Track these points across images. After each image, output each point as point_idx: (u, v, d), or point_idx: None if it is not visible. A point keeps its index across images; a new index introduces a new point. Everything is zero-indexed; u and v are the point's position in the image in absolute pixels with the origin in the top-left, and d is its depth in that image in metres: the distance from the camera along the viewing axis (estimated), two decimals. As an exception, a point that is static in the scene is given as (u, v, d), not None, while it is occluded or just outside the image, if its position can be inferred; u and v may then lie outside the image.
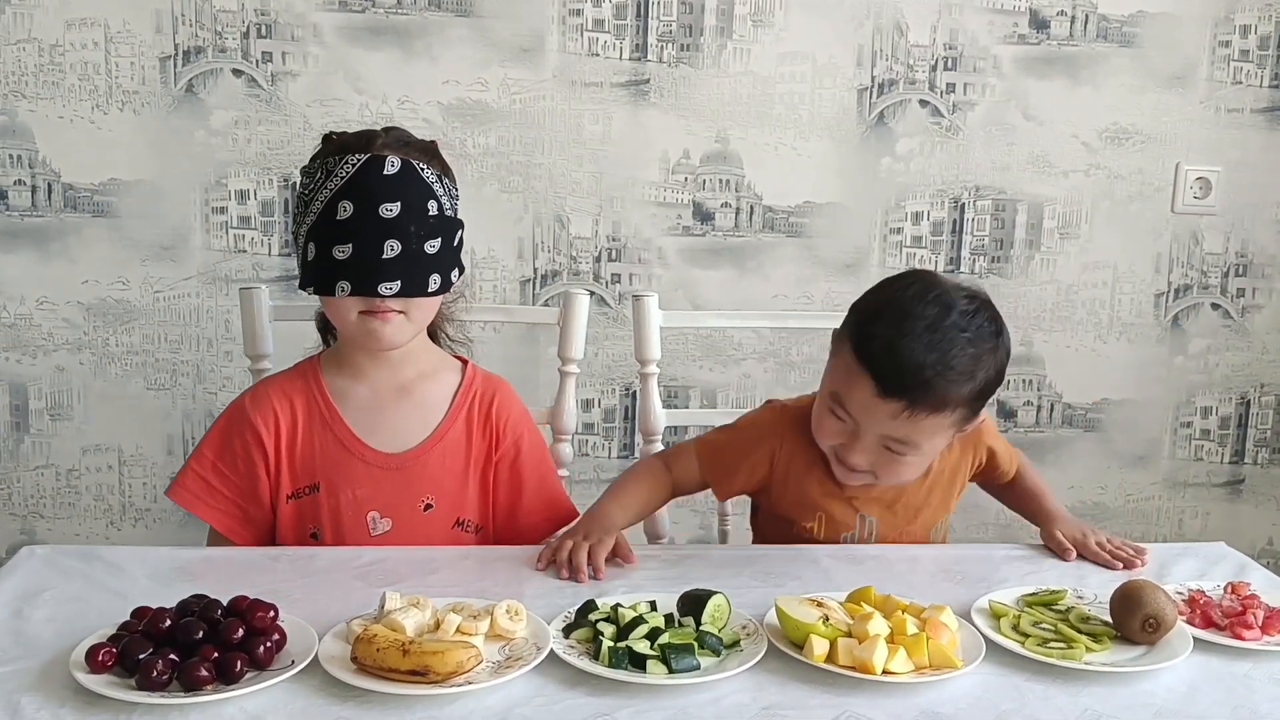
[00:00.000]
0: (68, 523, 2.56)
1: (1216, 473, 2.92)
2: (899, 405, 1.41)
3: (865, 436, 1.46)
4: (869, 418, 1.44)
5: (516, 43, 2.49)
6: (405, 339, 1.54)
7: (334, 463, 1.57)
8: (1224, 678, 1.18)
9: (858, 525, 1.61)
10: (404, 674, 1.08)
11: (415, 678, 1.08)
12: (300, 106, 2.45)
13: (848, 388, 1.45)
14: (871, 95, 2.63)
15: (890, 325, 1.43)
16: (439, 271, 1.51)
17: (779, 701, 1.09)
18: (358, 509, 1.56)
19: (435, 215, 1.50)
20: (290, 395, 1.59)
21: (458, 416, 1.62)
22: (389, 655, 1.09)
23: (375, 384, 1.60)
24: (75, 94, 2.40)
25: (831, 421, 1.48)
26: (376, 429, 1.58)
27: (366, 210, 1.46)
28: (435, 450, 1.59)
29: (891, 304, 1.47)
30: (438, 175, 1.53)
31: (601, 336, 2.62)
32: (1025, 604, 1.32)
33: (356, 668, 1.10)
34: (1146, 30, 2.67)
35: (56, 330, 2.48)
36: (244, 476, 1.57)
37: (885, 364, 1.41)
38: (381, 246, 1.45)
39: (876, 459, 1.47)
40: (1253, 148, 2.75)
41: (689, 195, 2.60)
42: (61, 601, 1.27)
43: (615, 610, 1.21)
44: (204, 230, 2.48)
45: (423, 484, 1.58)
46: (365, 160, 1.46)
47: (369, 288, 1.46)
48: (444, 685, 1.08)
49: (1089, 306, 2.79)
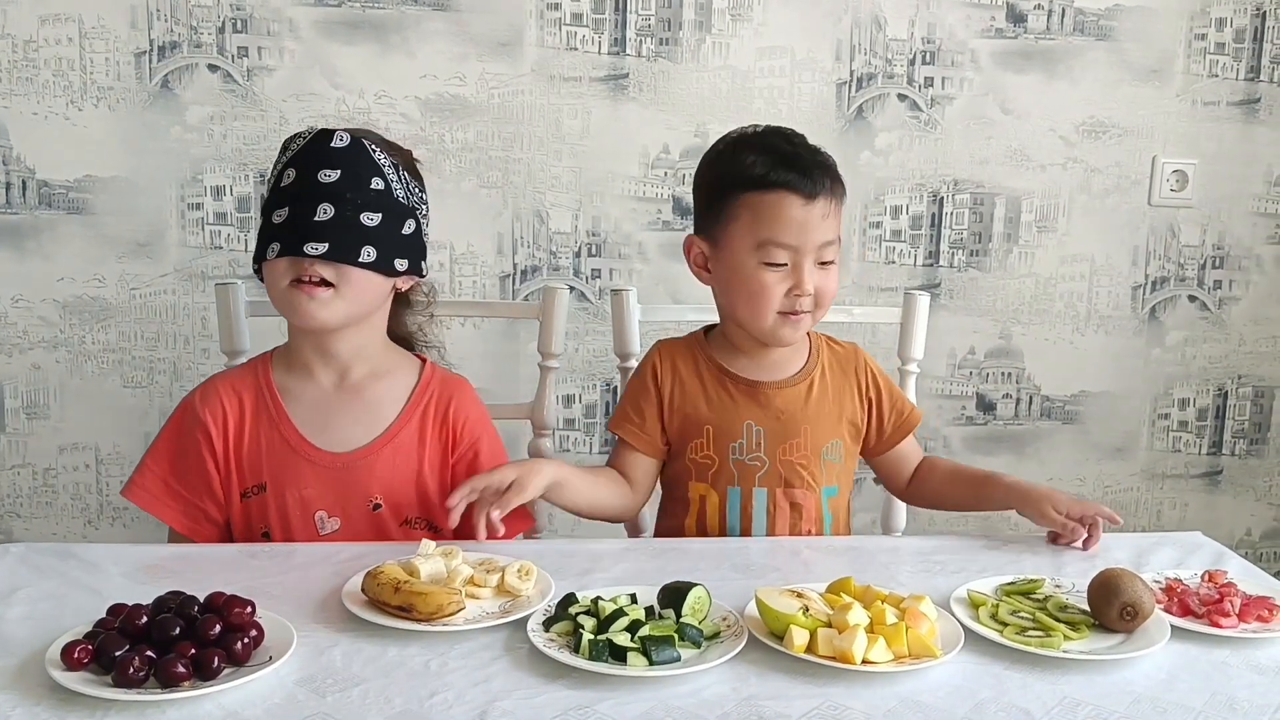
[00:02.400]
0: (44, 522, 2.54)
1: (1194, 464, 2.94)
2: (825, 201, 1.54)
3: (806, 259, 1.55)
4: (806, 232, 1.54)
5: (494, 37, 2.49)
6: (334, 317, 1.50)
7: (280, 462, 1.55)
8: (1201, 665, 1.18)
9: (744, 434, 1.63)
10: (394, 608, 1.20)
11: (402, 613, 1.20)
12: (276, 102, 2.43)
13: (777, 223, 1.53)
14: (850, 89, 2.63)
15: (757, 150, 1.57)
16: (376, 246, 1.49)
17: (759, 692, 1.09)
18: (305, 509, 1.55)
19: (379, 190, 1.50)
20: (239, 392, 1.58)
21: (411, 417, 1.60)
22: (384, 590, 1.21)
23: (323, 382, 1.58)
24: (50, 90, 2.38)
25: (770, 275, 1.56)
26: (324, 428, 1.56)
27: (306, 176, 1.48)
28: (385, 450, 1.57)
29: (739, 145, 1.60)
30: (394, 164, 1.53)
31: (581, 331, 2.62)
32: (1003, 593, 1.32)
33: (367, 599, 1.23)
34: (1123, 24, 2.68)
35: (32, 328, 2.46)
36: (198, 474, 1.55)
37: (790, 171, 1.54)
38: (314, 209, 1.46)
39: (816, 280, 1.57)
40: (1229, 140, 2.77)
41: (668, 190, 2.60)
42: (37, 599, 1.26)
43: (595, 603, 1.21)
44: (180, 227, 2.46)
45: (370, 484, 1.56)
46: (317, 133, 1.51)
47: (296, 247, 1.46)
48: (425, 623, 1.19)
49: (1067, 299, 2.80)
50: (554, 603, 1.24)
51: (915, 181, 2.69)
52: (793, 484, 1.63)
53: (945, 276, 2.74)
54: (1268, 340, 2.90)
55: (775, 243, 1.54)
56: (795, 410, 1.65)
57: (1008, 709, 1.08)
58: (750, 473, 1.63)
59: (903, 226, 2.70)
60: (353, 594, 1.26)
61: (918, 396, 2.00)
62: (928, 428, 2.67)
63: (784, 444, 1.63)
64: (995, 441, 2.83)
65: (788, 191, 1.53)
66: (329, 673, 1.11)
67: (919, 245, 2.72)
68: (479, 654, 1.15)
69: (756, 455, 1.63)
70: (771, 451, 1.63)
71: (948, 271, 2.74)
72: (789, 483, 1.63)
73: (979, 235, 2.74)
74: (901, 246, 2.71)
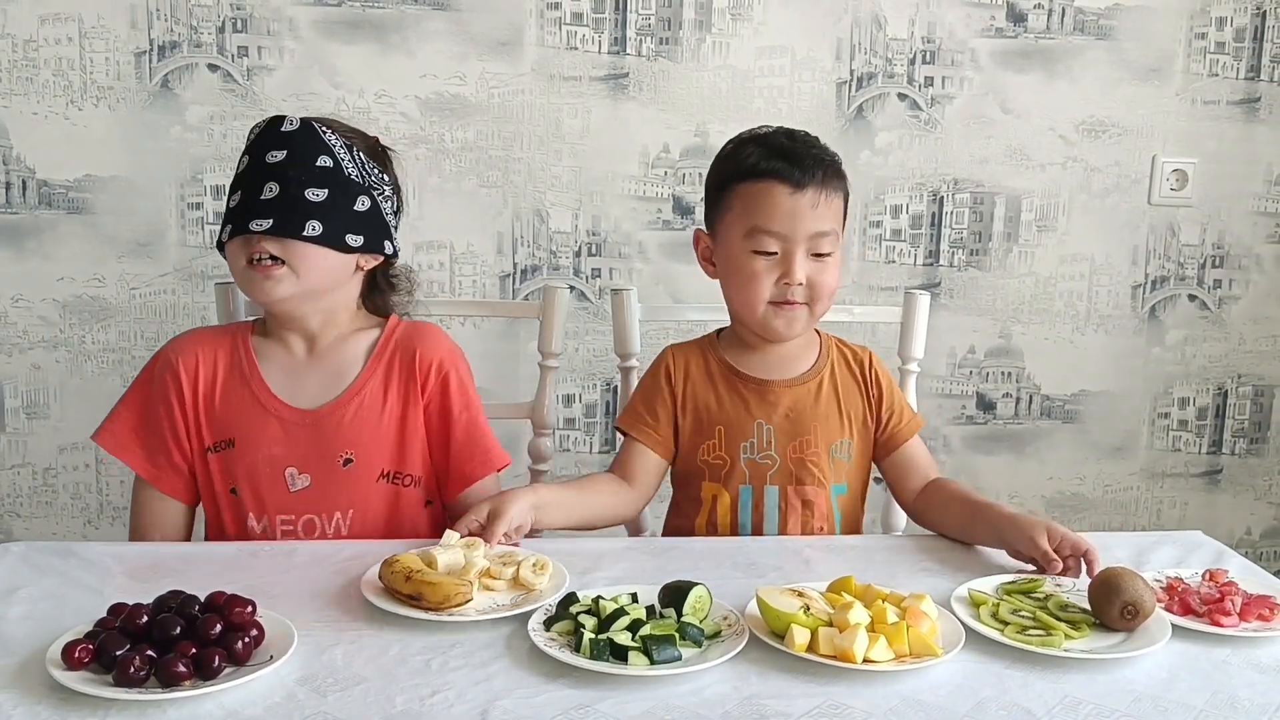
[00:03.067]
0: (44, 522, 2.54)
1: (1194, 463, 2.94)
2: (814, 191, 1.56)
3: (797, 249, 1.56)
4: (795, 221, 1.55)
5: (494, 36, 2.49)
6: (286, 293, 1.53)
7: (249, 419, 1.57)
8: (1202, 664, 1.18)
9: (755, 433, 1.64)
10: (405, 597, 1.23)
11: (412, 602, 1.23)
12: (276, 101, 2.43)
13: (764, 210, 1.56)
14: (850, 89, 2.63)
15: (756, 144, 1.60)
16: (322, 221, 1.51)
17: (761, 691, 1.09)
18: (274, 465, 1.57)
19: (326, 168, 1.53)
20: (216, 348, 1.61)
21: (375, 369, 1.61)
22: (397, 579, 1.24)
23: (295, 350, 1.62)
24: (50, 90, 2.38)
25: (760, 264, 1.57)
26: (293, 389, 1.59)
27: (256, 159, 1.53)
28: (351, 404, 1.59)
29: (738, 142, 1.63)
30: (346, 144, 1.56)
31: (581, 331, 2.62)
32: (1004, 592, 1.32)
33: (382, 586, 1.26)
34: (1123, 23, 2.68)
35: (32, 328, 2.46)
36: (165, 422, 1.58)
37: (782, 161, 1.56)
38: (261, 188, 1.51)
39: (809, 272, 1.57)
40: (1229, 139, 2.77)
41: (669, 189, 2.60)
42: (37, 599, 1.26)
43: (596, 602, 1.21)
44: (180, 226, 2.46)
45: (339, 439, 1.58)
46: (269, 120, 1.56)
47: (244, 226, 1.50)
48: (433, 612, 1.21)
49: (1067, 298, 2.80)
50: (556, 602, 1.24)
51: (915, 181, 2.69)
52: (804, 480, 1.64)
53: (945, 276, 2.74)
54: (1267, 339, 2.90)
55: (763, 230, 1.56)
56: (804, 408, 1.65)
57: (1009, 708, 1.08)
58: (762, 471, 1.64)
59: (903, 226, 2.70)
60: (371, 582, 1.29)
61: (918, 396, 2.00)
62: (927, 427, 2.67)
63: (794, 441, 1.64)
64: (995, 441, 2.83)
65: (776, 180, 1.56)
66: (330, 672, 1.11)
67: (919, 244, 2.72)
68: (480, 653, 1.15)
69: (768, 454, 1.63)
70: (782, 449, 1.64)
71: (948, 271, 2.74)
72: (800, 479, 1.64)
73: (979, 234, 2.74)
74: (901, 246, 2.71)
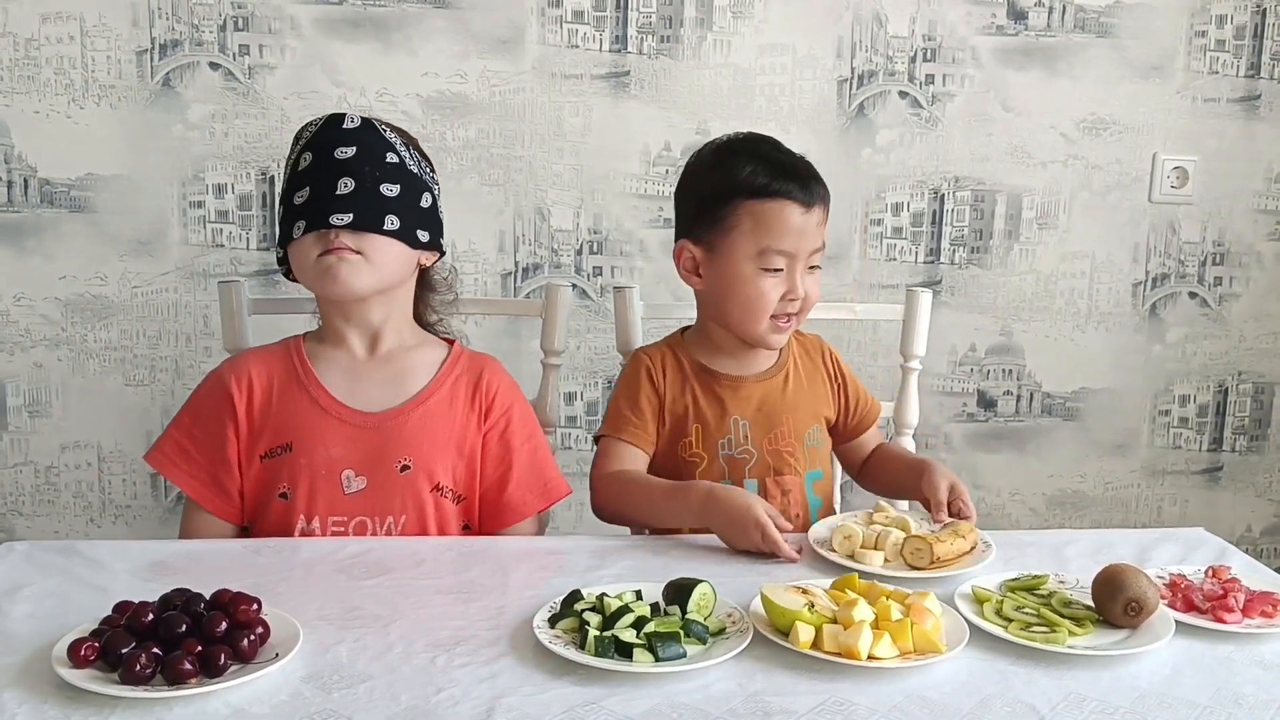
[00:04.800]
0: (47, 520, 2.54)
1: (1195, 460, 2.94)
2: (819, 209, 1.62)
3: (799, 265, 1.62)
4: (803, 239, 1.61)
5: (495, 34, 2.49)
6: (363, 283, 1.53)
7: (309, 423, 1.57)
8: (1206, 661, 1.19)
9: (731, 429, 1.68)
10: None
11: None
12: (278, 99, 2.43)
13: (777, 230, 1.59)
14: (851, 87, 2.63)
15: (752, 159, 1.63)
16: (398, 215, 1.53)
17: (765, 688, 1.09)
18: (331, 467, 1.56)
19: (395, 164, 1.55)
20: (269, 363, 1.61)
21: (442, 385, 1.62)
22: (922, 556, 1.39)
23: (356, 350, 1.62)
24: (51, 88, 2.38)
25: (768, 281, 1.61)
26: (355, 392, 1.59)
27: (323, 157, 1.53)
28: (415, 413, 1.59)
29: (731, 153, 1.66)
30: (404, 142, 1.59)
31: (583, 329, 2.62)
32: (1008, 589, 1.32)
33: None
34: (1123, 20, 2.68)
35: (34, 326, 2.46)
36: (214, 441, 1.57)
37: (789, 180, 1.60)
38: (335, 184, 1.51)
39: (807, 285, 1.64)
40: (1229, 137, 2.77)
41: (670, 187, 2.58)
42: (41, 597, 1.26)
43: (601, 599, 1.21)
44: (182, 225, 2.46)
45: (399, 444, 1.58)
46: (328, 118, 1.56)
47: (322, 220, 1.50)
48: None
49: (1067, 296, 2.80)
50: (559, 600, 1.24)
51: (916, 179, 2.69)
52: (781, 471, 1.69)
53: (946, 273, 2.74)
54: (1268, 337, 2.90)
55: (775, 249, 1.60)
56: (775, 400, 1.71)
57: (1013, 704, 1.08)
58: (740, 465, 1.68)
59: (904, 224, 2.70)
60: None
61: (919, 393, 2.01)
62: (929, 425, 2.67)
63: (769, 434, 1.69)
64: (996, 438, 2.83)
65: (789, 200, 1.60)
66: (335, 669, 1.11)
67: (920, 242, 2.72)
68: (485, 650, 1.16)
69: (744, 448, 1.68)
70: (759, 443, 1.69)
71: (949, 268, 2.74)
72: (778, 470, 1.69)
73: (980, 232, 2.74)
74: (902, 244, 2.71)
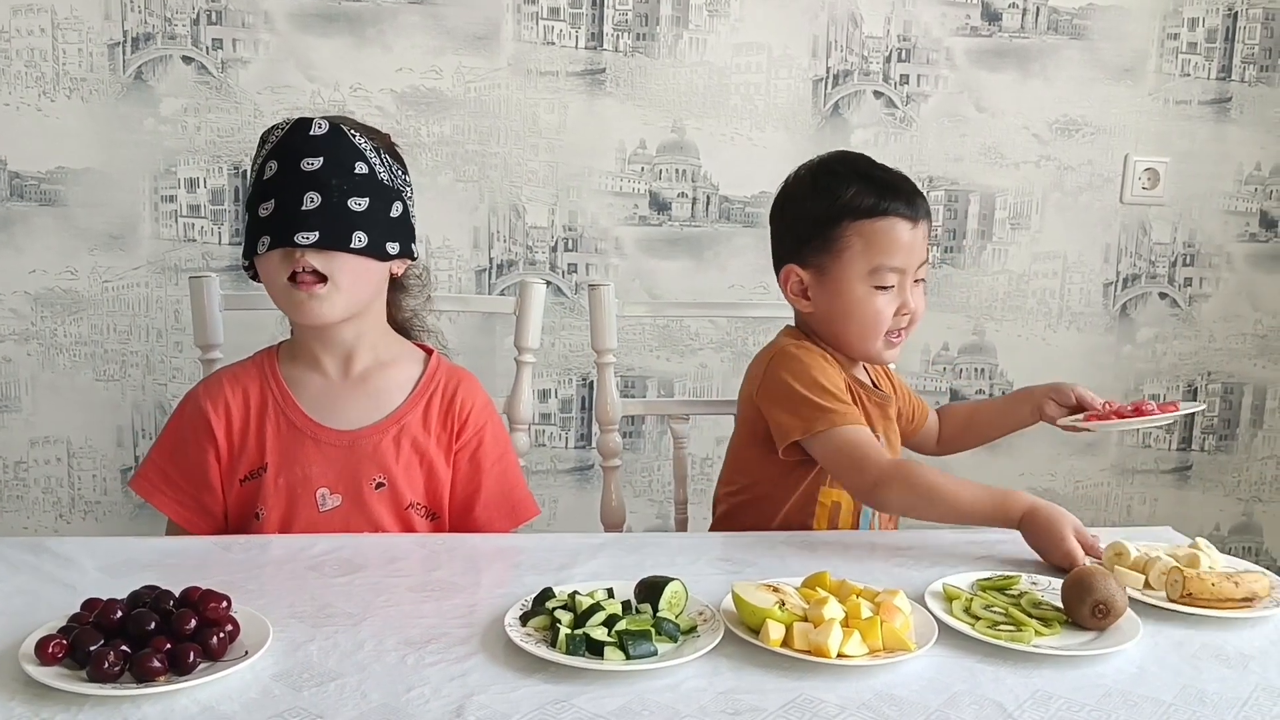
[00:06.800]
0: (15, 516, 2.52)
1: (1164, 460, 2.97)
2: (925, 223, 1.62)
3: (908, 281, 1.62)
4: (912, 255, 1.61)
5: (471, 30, 2.48)
6: (334, 312, 1.50)
7: (285, 444, 1.55)
8: (1172, 658, 1.20)
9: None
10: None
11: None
12: (251, 94, 2.42)
13: (886, 247, 1.59)
14: (826, 86, 2.64)
15: (859, 180, 1.62)
16: (367, 231, 1.49)
17: (736, 686, 1.10)
18: (306, 486, 1.55)
19: (363, 175, 1.49)
20: (244, 383, 1.58)
21: (418, 404, 1.60)
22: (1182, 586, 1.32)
23: (330, 372, 1.59)
24: (22, 81, 2.36)
25: (883, 299, 1.62)
26: (330, 412, 1.57)
27: (289, 166, 1.47)
28: (390, 431, 1.58)
29: (833, 175, 1.64)
30: (375, 147, 1.53)
31: (558, 326, 2.61)
32: (979, 588, 1.33)
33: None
34: (1096, 23, 2.70)
35: (3, 321, 2.44)
36: (196, 466, 1.56)
37: (896, 198, 1.59)
38: (301, 198, 1.45)
39: (916, 299, 1.64)
40: (1200, 139, 2.79)
41: (645, 185, 2.60)
42: (10, 594, 1.25)
43: (572, 597, 1.21)
44: (153, 219, 2.45)
45: (374, 462, 1.56)
46: (294, 123, 1.50)
47: (287, 238, 1.45)
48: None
49: (1039, 296, 2.82)
50: (530, 598, 1.24)
51: (890, 178, 2.70)
52: None
53: (920, 273, 2.75)
54: (1237, 337, 2.93)
55: (888, 267, 1.60)
56: (899, 404, 1.78)
57: (981, 702, 1.09)
58: None
59: (878, 223, 2.71)
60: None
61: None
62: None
63: (902, 438, 1.79)
64: (968, 437, 2.85)
65: (897, 217, 1.60)
66: (305, 667, 1.10)
67: (894, 242, 2.73)
68: (456, 649, 1.15)
69: None
70: (894, 447, 1.75)
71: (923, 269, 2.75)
72: None
73: (953, 232, 2.76)
74: (876, 243, 2.72)
